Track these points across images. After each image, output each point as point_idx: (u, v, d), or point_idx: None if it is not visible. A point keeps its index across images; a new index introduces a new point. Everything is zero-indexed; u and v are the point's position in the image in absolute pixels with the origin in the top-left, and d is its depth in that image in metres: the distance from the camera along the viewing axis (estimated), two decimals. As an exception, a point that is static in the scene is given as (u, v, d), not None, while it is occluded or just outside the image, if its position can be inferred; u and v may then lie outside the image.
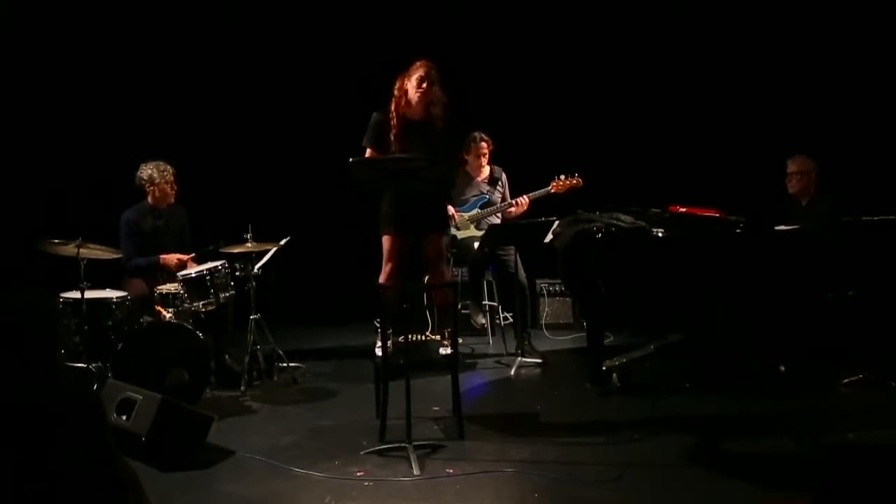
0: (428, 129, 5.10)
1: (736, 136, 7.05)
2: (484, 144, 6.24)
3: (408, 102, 5.13)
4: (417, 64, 5.13)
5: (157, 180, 5.44)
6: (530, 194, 6.09)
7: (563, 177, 6.06)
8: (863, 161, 6.52)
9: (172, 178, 5.49)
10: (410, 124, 5.12)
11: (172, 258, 5.42)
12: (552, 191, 6.06)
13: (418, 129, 5.10)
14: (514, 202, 6.12)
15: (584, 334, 5.97)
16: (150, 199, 5.50)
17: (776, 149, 6.08)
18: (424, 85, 5.07)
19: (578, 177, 6.04)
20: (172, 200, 5.55)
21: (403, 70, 5.17)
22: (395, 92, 5.15)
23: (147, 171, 5.46)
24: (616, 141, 7.25)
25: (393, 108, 5.13)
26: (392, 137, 5.10)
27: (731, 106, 7.11)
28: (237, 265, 5.31)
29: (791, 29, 6.96)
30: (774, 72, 7.06)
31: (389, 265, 5.26)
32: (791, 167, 5.72)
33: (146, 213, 5.51)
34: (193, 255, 5.55)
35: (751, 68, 7.11)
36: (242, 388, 5.13)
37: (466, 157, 6.30)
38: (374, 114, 5.19)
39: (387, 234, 5.27)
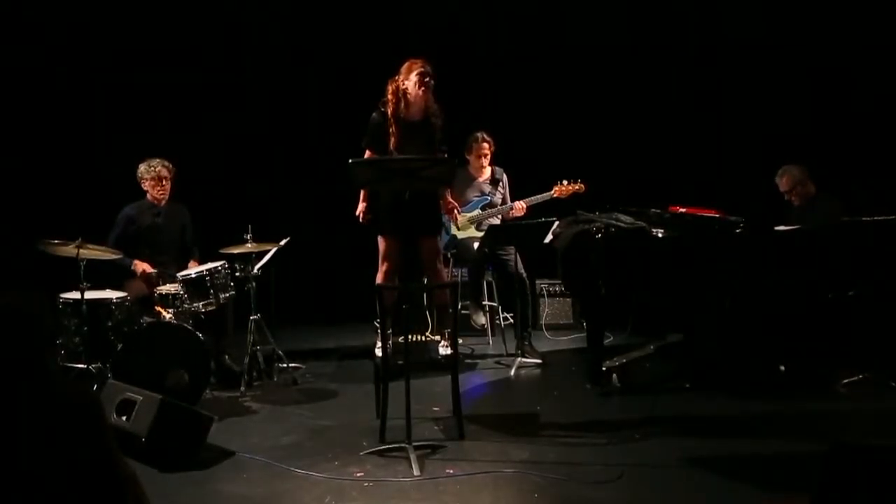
0: (427, 130, 5.08)
1: (736, 136, 7.05)
2: (486, 145, 6.22)
3: (407, 103, 5.10)
4: (413, 64, 5.09)
5: (144, 175, 5.49)
6: (532, 199, 6.07)
7: (565, 182, 6.05)
8: (862, 161, 6.52)
9: (167, 172, 5.49)
10: (409, 125, 5.10)
11: (143, 266, 5.36)
12: (554, 195, 6.05)
13: (417, 129, 5.09)
14: (512, 206, 6.09)
15: (584, 334, 5.97)
16: (148, 195, 5.53)
17: (776, 149, 6.08)
18: (426, 81, 5.05)
19: (581, 182, 6.04)
20: (167, 195, 5.55)
21: (395, 72, 5.13)
22: (390, 94, 5.11)
23: (141, 167, 5.52)
24: (616, 141, 7.24)
25: (391, 111, 5.10)
26: (392, 140, 5.08)
27: (730, 106, 7.11)
28: (237, 265, 5.31)
29: (790, 28, 6.96)
30: (774, 71, 7.05)
31: (385, 265, 5.30)
32: (782, 186, 5.63)
33: (145, 209, 5.55)
34: (197, 257, 5.57)
35: (751, 68, 7.11)
36: (242, 388, 5.13)
37: (468, 158, 6.30)
38: (374, 115, 5.17)
39: (381, 236, 5.28)
